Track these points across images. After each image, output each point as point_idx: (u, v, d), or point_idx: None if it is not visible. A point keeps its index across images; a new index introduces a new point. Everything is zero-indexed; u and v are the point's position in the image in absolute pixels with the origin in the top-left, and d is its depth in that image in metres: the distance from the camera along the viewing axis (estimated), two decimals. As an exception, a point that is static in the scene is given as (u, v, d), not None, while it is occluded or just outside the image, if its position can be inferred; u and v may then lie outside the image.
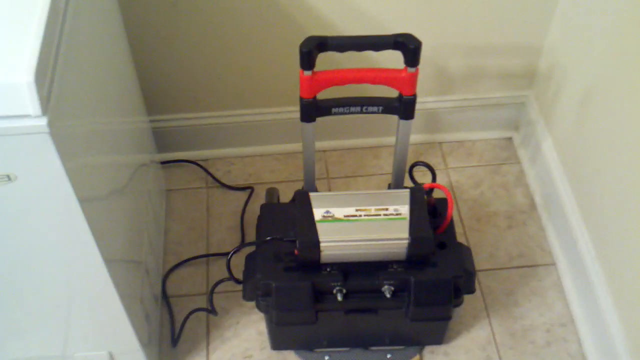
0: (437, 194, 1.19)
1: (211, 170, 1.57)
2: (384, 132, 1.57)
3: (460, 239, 1.42)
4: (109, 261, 0.96)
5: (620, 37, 1.12)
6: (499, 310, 1.33)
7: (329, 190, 1.53)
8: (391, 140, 1.26)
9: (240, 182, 1.55)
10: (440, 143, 1.61)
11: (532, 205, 1.49)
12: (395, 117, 1.14)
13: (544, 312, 1.33)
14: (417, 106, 1.51)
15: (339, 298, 1.11)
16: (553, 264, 1.40)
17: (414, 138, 1.60)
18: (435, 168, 1.52)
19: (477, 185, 1.53)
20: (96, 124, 0.98)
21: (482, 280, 1.37)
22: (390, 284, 1.11)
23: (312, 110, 1.10)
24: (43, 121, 0.74)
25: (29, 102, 0.72)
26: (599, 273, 1.23)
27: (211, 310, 1.25)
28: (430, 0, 1.33)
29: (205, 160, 1.59)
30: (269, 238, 1.13)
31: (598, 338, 1.23)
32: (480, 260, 1.40)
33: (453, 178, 1.55)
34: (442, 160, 1.58)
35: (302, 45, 1.02)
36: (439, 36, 1.40)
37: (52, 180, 0.81)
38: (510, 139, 1.62)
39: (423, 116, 1.56)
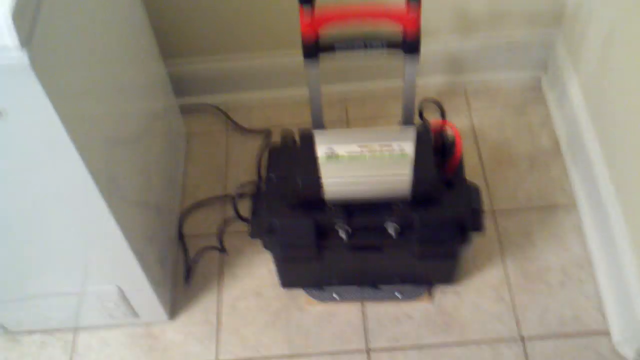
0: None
1: (231, 113, 1.57)
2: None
3: (479, 181, 1.40)
4: (111, 201, 0.98)
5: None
6: (515, 251, 1.31)
7: (348, 132, 1.51)
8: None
9: (260, 126, 1.55)
10: (464, 84, 1.57)
11: (556, 148, 1.45)
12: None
13: (561, 254, 1.30)
14: (438, 47, 1.50)
15: (343, 236, 1.11)
16: (574, 206, 1.36)
17: (436, 80, 1.57)
18: (457, 110, 1.50)
19: (501, 128, 1.49)
20: (93, 68, 0.99)
21: (499, 222, 1.35)
22: (394, 222, 1.10)
23: (313, 47, 1.08)
24: (24, 54, 0.75)
25: (6, 33, 0.73)
26: (618, 215, 1.19)
27: (221, 249, 1.27)
28: None
29: (225, 103, 1.60)
30: (271, 175, 1.13)
31: (614, 280, 1.20)
32: (498, 201, 1.37)
33: (476, 120, 1.51)
34: (465, 102, 1.55)
35: (299, -21, 1.00)
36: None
37: (43, 119, 0.82)
38: (537, 80, 1.57)
39: (444, 57, 1.52)
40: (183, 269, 1.34)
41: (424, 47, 1.11)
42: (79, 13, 0.93)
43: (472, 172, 1.41)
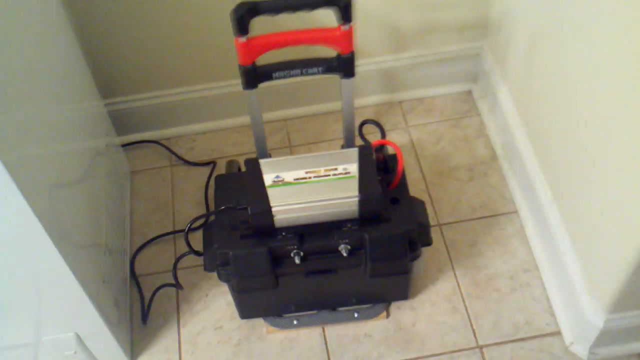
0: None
1: (174, 148, 1.57)
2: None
3: (423, 195, 1.44)
4: (61, 246, 0.97)
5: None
6: (463, 261, 1.35)
7: (292, 158, 1.53)
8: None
9: (204, 158, 1.56)
10: (400, 102, 1.62)
11: (493, 156, 1.50)
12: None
13: (508, 260, 1.34)
14: (373, 66, 1.54)
15: (297, 261, 1.12)
16: (515, 212, 1.41)
17: (373, 99, 1.60)
18: (396, 127, 1.54)
19: (438, 141, 1.54)
20: (33, 110, 0.98)
21: (446, 234, 1.39)
22: (345, 243, 1.12)
23: (252, 76, 1.10)
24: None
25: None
26: (556, 216, 1.24)
27: (176, 285, 1.26)
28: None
29: (168, 138, 1.59)
30: (222, 208, 1.14)
31: (560, 280, 1.25)
32: (443, 214, 1.41)
33: (414, 135, 1.55)
34: (402, 118, 1.59)
35: (233, 11, 1.02)
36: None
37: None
38: (469, 91, 1.63)
39: (380, 76, 1.56)
40: (140, 309, 1.32)
41: (359, 68, 1.15)
42: (13, 55, 0.92)
43: (415, 187, 1.45)
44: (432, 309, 1.29)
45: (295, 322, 1.27)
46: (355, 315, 1.28)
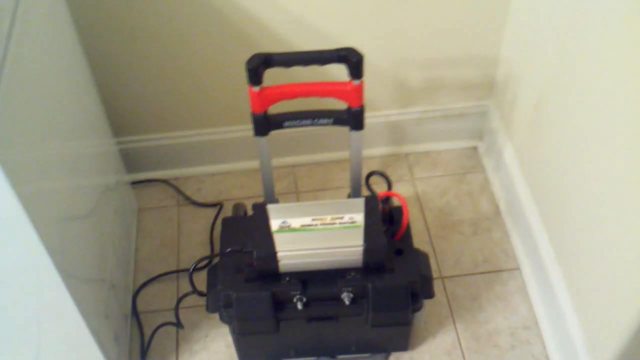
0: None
1: (182, 188, 1.60)
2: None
3: (426, 247, 1.45)
4: (69, 280, 0.98)
5: (568, 43, 1.16)
6: (464, 315, 1.35)
7: (298, 204, 1.55)
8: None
9: (211, 199, 1.58)
10: (406, 154, 1.64)
11: (497, 212, 1.52)
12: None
13: (509, 316, 1.35)
14: (381, 119, 1.57)
15: (299, 307, 1.13)
16: (517, 268, 1.42)
17: (380, 150, 1.63)
18: (401, 179, 1.57)
19: (443, 195, 1.56)
20: (49, 146, 1.01)
21: (448, 287, 1.39)
22: (348, 291, 1.13)
23: (263, 124, 1.13)
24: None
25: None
26: (558, 275, 1.25)
27: (177, 324, 1.27)
28: (387, 17, 1.37)
29: (176, 178, 1.62)
30: (228, 250, 1.15)
31: (560, 339, 1.25)
32: (446, 267, 1.42)
33: (419, 188, 1.57)
34: (408, 171, 1.61)
35: (247, 62, 1.05)
36: (397, 50, 1.44)
37: (2, 200, 0.83)
38: (475, 148, 1.65)
39: (387, 129, 1.59)
40: (139, 346, 1.33)
41: (367, 120, 1.17)
42: (33, 91, 0.95)
43: (419, 239, 1.47)
44: (430, 362, 1.29)
45: (293, 368, 1.28)
46: (354, 364, 1.28)
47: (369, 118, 1.52)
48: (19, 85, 0.88)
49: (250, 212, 1.42)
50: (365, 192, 1.26)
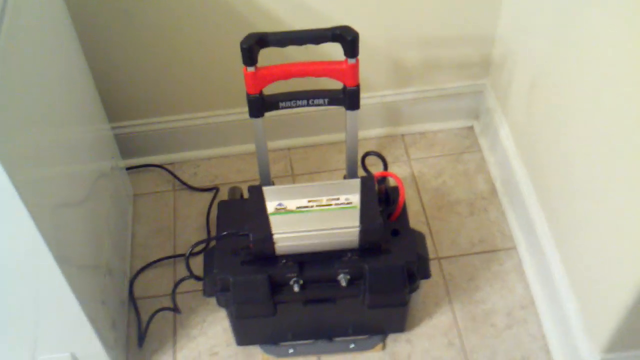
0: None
1: (177, 173, 1.59)
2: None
3: (422, 227, 1.45)
4: (64, 266, 0.98)
5: (564, 22, 1.15)
6: (461, 295, 1.35)
7: (293, 187, 1.55)
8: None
9: (207, 184, 1.57)
10: (402, 135, 1.64)
11: (493, 192, 1.52)
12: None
13: (505, 296, 1.35)
14: (376, 100, 1.56)
15: (296, 289, 1.13)
16: (514, 247, 1.42)
17: (376, 132, 1.63)
18: (397, 160, 1.56)
19: (439, 175, 1.55)
20: (44, 132, 1.00)
21: (444, 267, 1.39)
22: (345, 273, 1.13)
23: (258, 105, 1.12)
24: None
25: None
26: (555, 254, 1.25)
27: (174, 309, 1.26)
28: (381, -6, 1.36)
29: (172, 163, 1.61)
30: (224, 233, 1.15)
31: (556, 318, 1.26)
32: (442, 248, 1.42)
33: (415, 169, 1.57)
34: (404, 152, 1.60)
35: (242, 42, 1.04)
36: (392, 29, 1.42)
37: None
38: (471, 127, 1.65)
39: (383, 109, 1.59)
40: (136, 332, 1.32)
41: (363, 101, 1.17)
42: (27, 77, 0.94)
43: (415, 219, 1.46)
44: (428, 343, 1.29)
45: (291, 350, 1.28)
46: (352, 346, 1.28)
47: (364, 99, 1.51)
48: (12, 71, 0.87)
49: (246, 195, 1.42)
50: (361, 172, 1.26)
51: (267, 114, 1.16)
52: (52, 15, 1.12)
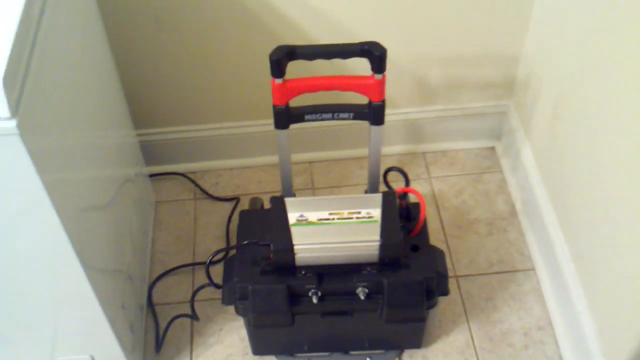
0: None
1: (199, 182, 1.60)
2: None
3: (441, 245, 1.45)
4: (88, 268, 0.99)
5: (590, 44, 1.16)
6: (478, 315, 1.35)
7: (314, 200, 1.56)
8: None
9: (228, 193, 1.59)
10: (423, 153, 1.64)
11: (513, 213, 1.52)
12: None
13: (523, 316, 1.34)
14: (400, 117, 1.57)
15: (314, 300, 1.13)
16: (532, 269, 1.42)
17: (398, 148, 1.63)
18: (418, 177, 1.57)
19: (459, 194, 1.56)
20: (74, 136, 1.02)
21: (462, 286, 1.39)
22: (364, 286, 1.13)
23: (284, 117, 1.14)
24: (12, 123, 0.78)
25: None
26: (574, 276, 1.25)
27: (192, 316, 1.27)
28: (408, 13, 1.37)
29: (194, 172, 1.63)
30: (245, 242, 1.16)
31: (574, 340, 1.25)
32: (461, 267, 1.42)
33: (436, 187, 1.57)
34: (425, 169, 1.61)
35: (271, 54, 1.06)
36: (418, 48, 1.44)
37: (27, 185, 0.84)
38: (493, 148, 1.65)
39: (406, 127, 1.60)
40: (154, 338, 1.33)
41: (386, 117, 1.18)
42: (60, 81, 0.97)
43: (434, 237, 1.47)
44: (444, 360, 1.29)
45: (307, 362, 1.28)
46: (368, 359, 1.28)
47: (388, 115, 1.51)
48: (46, 75, 0.89)
49: (267, 206, 1.43)
50: (382, 188, 1.26)
51: (291, 127, 1.17)
52: (85, 21, 1.15)
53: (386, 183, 1.25)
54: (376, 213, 1.14)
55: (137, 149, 1.47)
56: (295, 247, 1.11)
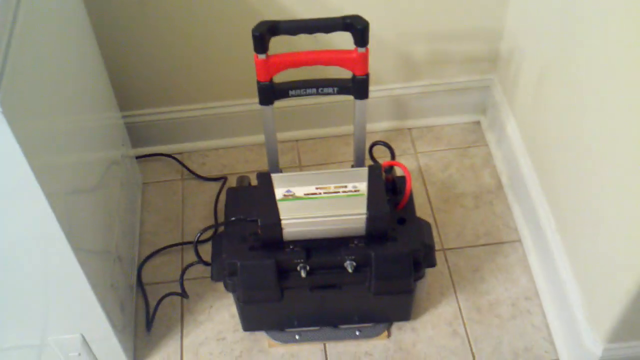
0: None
1: (186, 162, 1.61)
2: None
3: (429, 219, 1.46)
4: (77, 249, 1.00)
5: (572, 17, 1.16)
6: (466, 286, 1.37)
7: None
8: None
9: (215, 173, 1.59)
10: (409, 129, 1.65)
11: (499, 185, 1.53)
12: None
13: (510, 287, 1.36)
14: (385, 93, 1.58)
15: (303, 274, 1.14)
16: (518, 240, 1.43)
17: (384, 125, 1.64)
18: (404, 153, 1.57)
19: (446, 168, 1.57)
20: (59, 117, 1.02)
21: (449, 259, 1.41)
22: (351, 259, 1.14)
23: (269, 93, 1.14)
24: (-6, 100, 0.77)
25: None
26: (559, 246, 1.26)
27: (182, 294, 1.28)
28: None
29: (181, 153, 1.63)
30: (232, 219, 1.17)
31: (560, 309, 1.27)
32: (448, 240, 1.44)
33: (422, 162, 1.58)
34: (411, 145, 1.62)
35: (254, 30, 1.06)
36: (402, 23, 1.44)
37: (12, 165, 0.84)
38: (478, 122, 1.66)
39: (391, 103, 1.60)
40: (144, 317, 1.34)
41: (371, 94, 1.18)
42: (43, 64, 0.96)
43: (421, 211, 1.48)
44: (433, 332, 1.30)
45: (297, 337, 1.29)
46: (357, 333, 1.29)
47: (373, 92, 1.52)
48: (29, 57, 0.89)
49: (254, 184, 1.44)
50: (368, 162, 1.27)
51: (276, 105, 1.17)
52: (66, 1, 1.14)
53: (372, 157, 1.25)
54: (362, 187, 1.14)
55: (123, 130, 1.46)
56: (283, 222, 1.12)
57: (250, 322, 1.29)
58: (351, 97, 1.17)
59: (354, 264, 1.14)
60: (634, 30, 0.95)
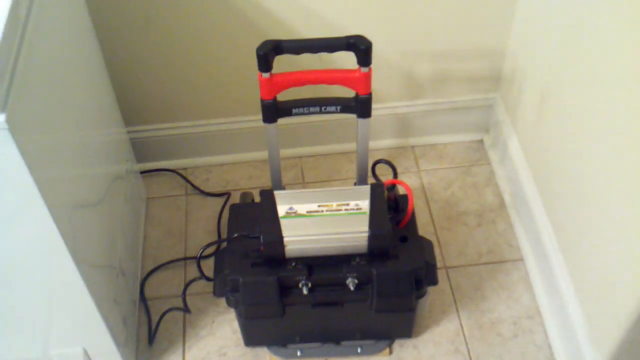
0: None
1: (190, 178, 1.62)
2: (357, 137, 1.62)
3: (431, 237, 1.47)
4: (80, 264, 1.00)
5: (574, 37, 1.17)
6: (468, 304, 1.37)
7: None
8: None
9: (218, 189, 1.60)
10: (412, 147, 1.66)
11: (502, 204, 1.53)
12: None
13: (512, 306, 1.36)
14: (388, 111, 1.59)
15: (305, 291, 1.15)
16: (521, 259, 1.43)
17: (387, 142, 1.65)
18: (407, 171, 1.58)
19: (448, 186, 1.57)
20: (64, 132, 1.03)
21: (452, 277, 1.41)
22: (353, 277, 1.15)
23: (272, 111, 1.15)
24: (1, 117, 0.78)
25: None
26: (562, 266, 1.27)
27: (184, 309, 1.29)
28: (396, 8, 1.38)
29: (185, 168, 1.64)
30: (235, 235, 1.17)
31: (562, 328, 1.27)
32: (450, 258, 1.44)
33: (425, 180, 1.59)
34: (414, 163, 1.63)
35: (258, 49, 1.07)
36: (406, 42, 1.45)
37: (17, 180, 0.85)
38: (481, 141, 1.67)
39: (394, 121, 1.61)
40: (147, 331, 1.35)
41: (375, 112, 1.19)
42: (49, 79, 0.98)
43: (423, 230, 1.48)
44: (434, 349, 1.30)
45: (298, 353, 1.29)
46: (359, 350, 1.29)
47: (376, 110, 1.53)
48: (36, 74, 0.90)
49: (257, 201, 1.44)
50: (371, 180, 1.28)
51: (280, 122, 1.18)
52: (73, 17, 1.16)
53: (374, 175, 1.26)
54: (365, 205, 1.15)
55: (128, 145, 1.47)
56: (285, 239, 1.12)
57: (252, 338, 1.29)
58: (354, 115, 1.18)
59: (356, 281, 1.15)
60: (635, 50, 0.96)
